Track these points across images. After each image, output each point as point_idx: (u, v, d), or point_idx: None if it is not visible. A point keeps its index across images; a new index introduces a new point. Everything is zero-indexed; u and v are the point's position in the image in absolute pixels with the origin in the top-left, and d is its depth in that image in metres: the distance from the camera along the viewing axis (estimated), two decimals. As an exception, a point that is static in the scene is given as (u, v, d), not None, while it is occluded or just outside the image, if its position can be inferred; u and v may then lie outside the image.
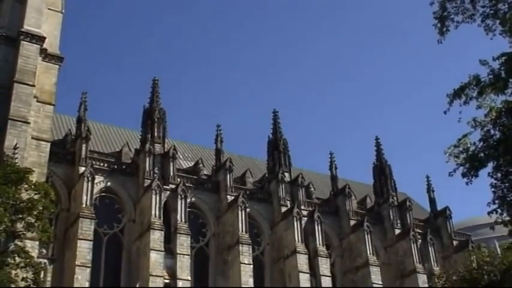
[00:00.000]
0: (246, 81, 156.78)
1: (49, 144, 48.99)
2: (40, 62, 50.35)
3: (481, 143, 19.44)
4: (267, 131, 66.41)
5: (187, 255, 52.86)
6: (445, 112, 19.73)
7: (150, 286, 49.05)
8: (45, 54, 51.31)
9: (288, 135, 66.71)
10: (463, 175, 19.88)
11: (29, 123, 46.50)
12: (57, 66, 52.23)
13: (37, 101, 48.93)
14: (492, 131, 19.42)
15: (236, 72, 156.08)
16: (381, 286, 59.20)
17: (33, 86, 48.03)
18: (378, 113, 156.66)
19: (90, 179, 51.41)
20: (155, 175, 55.06)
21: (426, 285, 58.44)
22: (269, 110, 68.95)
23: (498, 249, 36.44)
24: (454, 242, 68.38)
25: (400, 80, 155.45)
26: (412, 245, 63.17)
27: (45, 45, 51.01)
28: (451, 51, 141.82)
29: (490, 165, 19.81)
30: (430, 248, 64.88)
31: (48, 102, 50.33)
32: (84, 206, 50.13)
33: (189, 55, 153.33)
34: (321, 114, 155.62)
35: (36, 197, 31.18)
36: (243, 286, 52.91)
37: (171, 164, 57.45)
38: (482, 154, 19.47)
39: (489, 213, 20.10)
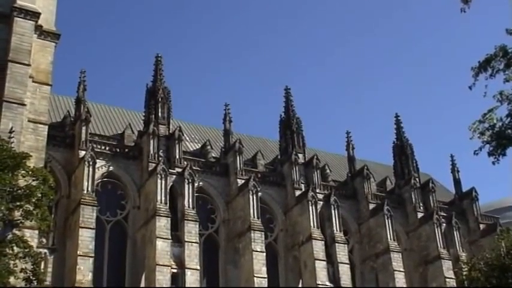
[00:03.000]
0: (256, 57, 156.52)
1: (47, 127, 49.10)
2: (35, 39, 50.35)
3: (509, 119, 19.33)
4: (278, 110, 66.49)
5: (196, 243, 53.11)
6: (470, 87, 19.65)
7: (156, 276, 49.33)
8: (41, 31, 51.29)
9: (302, 113, 66.66)
10: (490, 154, 19.80)
11: (25, 105, 46.60)
12: (53, 43, 52.22)
13: (33, 82, 48.99)
14: (520, 106, 19.31)
15: (245, 47, 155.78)
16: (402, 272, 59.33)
17: (29, 65, 48.09)
18: (398, 89, 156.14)
19: (91, 163, 51.59)
20: (160, 158, 55.20)
21: (451, 272, 58.39)
22: (281, 87, 68.91)
23: (528, 233, 36.30)
24: (481, 226, 68.37)
25: (420, 53, 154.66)
26: (436, 229, 63.13)
27: (40, 22, 50.94)
28: (475, 20, 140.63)
29: (519, 142, 19.70)
30: (455, 233, 64.85)
31: (45, 83, 50.40)
32: (85, 192, 50.36)
33: (194, 30, 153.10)
34: (336, 91, 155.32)
35: (34, 183, 31.35)
36: (255, 275, 53.14)
37: (177, 146, 57.56)
38: (510, 131, 19.37)
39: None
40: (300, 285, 57.55)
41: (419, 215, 65.40)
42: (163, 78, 60.28)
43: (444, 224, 64.66)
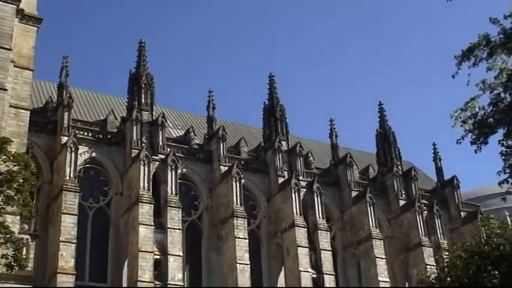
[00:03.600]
0: (240, 43, 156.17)
1: (28, 112, 48.78)
2: (17, 23, 49.86)
3: (491, 107, 19.45)
4: (262, 97, 66.43)
5: (179, 229, 53.11)
6: (453, 76, 19.73)
7: (139, 262, 49.30)
8: (22, 15, 50.79)
9: (286, 101, 66.74)
10: (472, 142, 19.93)
11: (6, 90, 46.18)
12: (35, 28, 51.77)
13: (14, 66, 48.57)
14: (502, 94, 19.42)
15: (229, 33, 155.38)
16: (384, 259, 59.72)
17: (10, 49, 47.60)
18: (381, 77, 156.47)
19: (73, 149, 51.38)
20: (143, 145, 55.07)
21: (432, 259, 58.79)
22: (265, 74, 68.80)
23: (509, 221, 36.57)
24: (462, 214, 68.84)
25: (404, 41, 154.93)
26: (418, 216, 63.51)
27: (21, 5, 50.37)
28: (459, 9, 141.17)
29: (500, 131, 19.81)
30: (436, 220, 65.25)
31: (27, 67, 50.00)
32: (67, 178, 50.18)
33: (177, 15, 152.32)
34: (320, 79, 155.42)
35: (15, 168, 31.13)
36: (238, 262, 53.25)
37: (160, 132, 57.44)
38: (491, 119, 19.47)
39: (500, 183, 20.18)
40: (282, 272, 57.74)
41: (402, 202, 65.76)
42: (146, 64, 60.06)
43: (426, 212, 65.04)
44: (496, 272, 30.92)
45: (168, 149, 56.89)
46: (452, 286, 31.32)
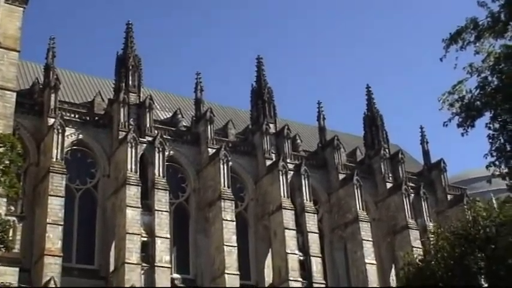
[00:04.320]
0: (228, 25, 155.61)
1: (15, 94, 48.58)
2: (2, 4, 49.60)
3: (478, 91, 19.50)
4: (250, 80, 66.31)
5: (166, 211, 53.16)
6: (441, 59, 19.73)
7: (126, 244, 49.36)
8: (8, -4, 50.41)
9: (273, 83, 66.55)
10: (459, 125, 19.99)
11: (-8, 71, 45.97)
12: (21, 8, 51.41)
13: (0, 47, 48.31)
14: (490, 78, 19.45)
15: (217, 15, 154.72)
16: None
17: (-4, 31, 47.34)
18: (369, 60, 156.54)
19: (60, 131, 51.23)
20: (130, 127, 54.93)
21: (418, 242, 59.20)
22: (253, 57, 68.70)
23: (494, 203, 36.87)
24: (449, 196, 69.15)
25: (392, 24, 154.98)
26: (405, 199, 63.81)
27: (7, -14, 50.07)
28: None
29: (487, 115, 19.90)
30: (423, 203, 65.57)
31: (13, 49, 49.71)
32: (54, 160, 50.07)
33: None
34: (308, 62, 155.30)
35: (1, 150, 31.00)
36: (225, 244, 53.39)
37: (148, 114, 57.31)
38: (478, 102, 19.55)
39: (487, 166, 20.27)
40: (269, 254, 57.97)
41: (388, 185, 66.01)
42: (134, 46, 59.79)
43: (412, 195, 65.32)
44: (482, 254, 31.27)
45: (156, 131, 56.79)
46: (438, 268, 31.59)
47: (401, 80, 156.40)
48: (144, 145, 55.35)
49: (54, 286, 45.28)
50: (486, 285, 31.78)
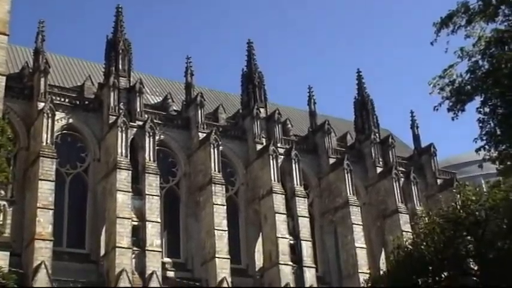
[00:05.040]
0: (218, 8, 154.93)
1: (4, 78, 48.25)
2: (-9, -13, 49.12)
3: (468, 75, 19.57)
4: (241, 64, 66.24)
5: (157, 196, 53.17)
6: (431, 43, 19.79)
7: (117, 228, 49.41)
8: (-3, -21, 49.99)
9: (264, 68, 66.61)
10: (449, 109, 20.09)
11: (-19, 54, 45.68)
12: (10, -8, 50.97)
13: (-11, 31, 47.98)
14: (480, 62, 19.53)
15: None
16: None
17: (-15, 14, 46.98)
18: (360, 44, 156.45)
19: (50, 115, 51.10)
20: (121, 111, 54.80)
21: (408, 226, 59.52)
22: (243, 41, 68.52)
23: (484, 187, 37.10)
24: (439, 181, 69.43)
25: (382, 8, 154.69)
26: (395, 184, 64.09)
27: (-4, -31, 49.63)
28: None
29: (478, 99, 19.99)
30: (413, 187, 65.87)
31: (2, 32, 49.31)
32: (44, 144, 49.94)
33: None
34: (299, 46, 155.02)
35: (-9, 134, 30.94)
36: (216, 228, 53.52)
37: (138, 99, 57.18)
38: (469, 87, 19.62)
39: (477, 150, 20.38)
40: (260, 238, 58.17)
41: (379, 169, 66.23)
42: (124, 30, 59.52)
43: (403, 179, 65.61)
44: (471, 237, 31.52)
45: (146, 116, 56.69)
46: (428, 251, 31.81)
47: (392, 64, 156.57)
48: (135, 129, 55.27)
49: (45, 270, 45.37)
50: (475, 268, 32.06)
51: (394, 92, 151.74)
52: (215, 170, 56.09)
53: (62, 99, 55.11)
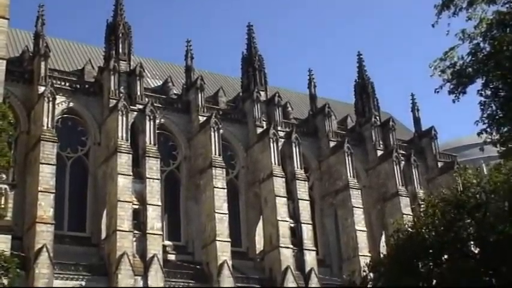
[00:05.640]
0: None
1: (5, 62, 48.06)
2: (-9, -29, 48.78)
3: (470, 57, 19.43)
4: (241, 47, 66.07)
5: (157, 179, 53.20)
6: (433, 25, 19.65)
7: (118, 212, 49.46)
8: (-3, -37, 49.64)
9: (264, 51, 66.48)
10: (450, 92, 19.98)
11: (-19, 39, 45.47)
12: (10, -25, 50.64)
13: (-11, 15, 47.72)
14: (481, 44, 19.40)
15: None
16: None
17: (-16, -2, 46.75)
18: (360, 27, 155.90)
19: (50, 99, 51.01)
20: (121, 95, 54.72)
21: (408, 209, 59.54)
22: (243, 24, 68.31)
23: (485, 170, 37.02)
24: (439, 164, 69.41)
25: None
26: (395, 167, 64.06)
27: (-4, -48, 49.26)
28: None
29: (479, 81, 19.87)
30: (413, 170, 65.84)
31: (2, 16, 49.06)
32: (45, 128, 49.90)
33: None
34: (299, 29, 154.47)
35: (-8, 118, 30.83)
36: (216, 211, 53.55)
37: (138, 82, 57.05)
38: (470, 69, 19.49)
39: (479, 133, 20.28)
40: (260, 221, 58.23)
41: (379, 152, 66.21)
42: (123, 13, 59.36)
43: (403, 162, 65.55)
44: (472, 220, 31.46)
45: (146, 99, 56.58)
46: (428, 234, 31.77)
47: (393, 47, 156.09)
48: (135, 113, 55.21)
49: (47, 253, 45.49)
50: (476, 251, 32.04)
51: (395, 74, 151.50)
52: (215, 154, 56.04)
53: (63, 83, 55.03)
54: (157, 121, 55.79)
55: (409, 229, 34.34)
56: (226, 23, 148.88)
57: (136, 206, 51.18)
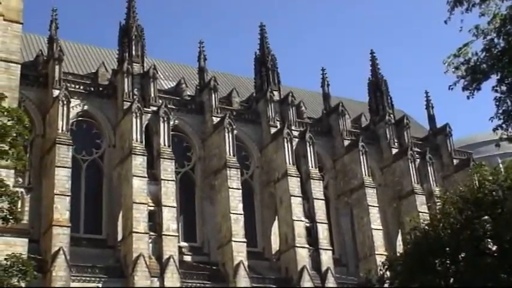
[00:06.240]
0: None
1: (19, 66, 48.39)
2: (4, -24, 49.02)
3: (484, 53, 19.30)
4: (253, 47, 66.06)
5: (172, 180, 53.30)
6: (445, 21, 19.51)
7: (134, 214, 49.59)
8: (9, -32, 49.92)
9: (277, 50, 66.49)
10: (464, 88, 19.85)
11: (-5, 44, 45.78)
12: (23, -20, 50.93)
13: (3, 20, 48.01)
14: (496, 40, 19.24)
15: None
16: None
17: (-1, 3, 46.98)
18: (373, 25, 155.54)
19: (65, 102, 51.23)
20: (135, 97, 54.88)
21: (424, 206, 59.30)
22: (255, 24, 68.31)
23: (501, 167, 36.78)
24: (455, 161, 69.18)
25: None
26: (410, 164, 63.86)
27: (8, -43, 49.53)
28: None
29: (494, 77, 19.74)
30: (429, 168, 65.63)
31: (16, 21, 49.39)
32: (60, 131, 50.12)
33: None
34: (311, 28, 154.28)
35: (9, 123, 30.98)
36: (232, 212, 53.60)
37: (152, 84, 57.19)
38: (484, 65, 19.37)
39: (494, 129, 20.15)
40: (275, 221, 58.23)
41: (394, 150, 66.02)
42: (136, 16, 59.57)
43: (418, 160, 65.35)
44: (489, 218, 31.28)
45: (160, 101, 56.73)
46: (445, 232, 31.63)
47: (406, 44, 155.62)
48: (149, 115, 55.33)
49: (64, 256, 45.71)
50: (493, 248, 31.88)
51: (409, 72, 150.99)
52: (230, 154, 56.09)
53: (77, 86, 55.27)
54: (171, 122, 55.91)
55: (426, 227, 34.20)
56: (238, 24, 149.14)
57: (152, 208, 51.30)
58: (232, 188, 54.77)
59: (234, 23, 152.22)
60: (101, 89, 56.96)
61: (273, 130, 60.63)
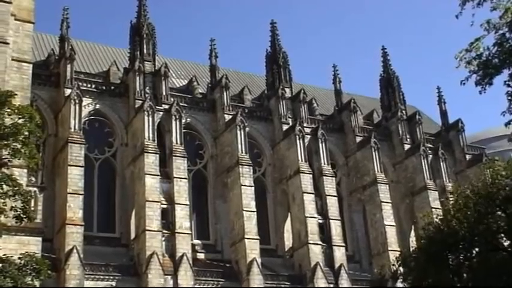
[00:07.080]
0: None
1: (31, 65, 48.43)
2: (15, -24, 49.21)
3: (496, 48, 19.22)
4: (265, 44, 66.06)
5: (185, 178, 53.40)
6: (456, 16, 19.43)
7: (146, 212, 49.72)
8: (20, -32, 50.07)
9: (288, 47, 66.33)
10: (476, 83, 19.78)
11: (8, 43, 45.83)
12: (34, -20, 51.07)
13: (15, 20, 48.06)
14: (508, 35, 19.17)
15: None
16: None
17: (10, 2, 47.07)
18: (384, 21, 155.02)
19: (77, 101, 51.42)
20: (147, 95, 54.99)
21: (437, 202, 59.14)
22: (267, 21, 68.27)
23: (514, 162, 36.53)
24: (467, 156, 68.93)
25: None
26: (423, 160, 63.70)
27: (19, -42, 49.69)
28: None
29: (506, 72, 19.65)
30: (441, 164, 65.45)
31: (27, 20, 49.48)
32: (72, 130, 50.31)
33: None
34: (322, 24, 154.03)
35: (20, 121, 31.06)
36: (244, 209, 53.65)
37: (163, 82, 57.29)
38: (496, 60, 19.29)
39: (506, 124, 20.07)
40: (288, 218, 58.23)
41: (406, 147, 65.87)
42: (147, 14, 59.64)
43: (431, 156, 65.18)
44: (502, 213, 31.12)
45: (172, 99, 56.80)
46: (459, 227, 31.49)
47: (417, 39, 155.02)
48: (161, 113, 55.44)
49: (77, 255, 45.91)
50: (507, 243, 31.73)
51: (420, 68, 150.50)
52: (242, 152, 56.14)
53: (88, 85, 55.43)
54: (183, 121, 56.00)
55: (439, 222, 34.07)
56: (249, 21, 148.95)
57: (165, 206, 51.41)
58: (245, 186, 54.83)
59: (245, 21, 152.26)
60: (112, 87, 57.10)
61: (285, 127, 60.62)
